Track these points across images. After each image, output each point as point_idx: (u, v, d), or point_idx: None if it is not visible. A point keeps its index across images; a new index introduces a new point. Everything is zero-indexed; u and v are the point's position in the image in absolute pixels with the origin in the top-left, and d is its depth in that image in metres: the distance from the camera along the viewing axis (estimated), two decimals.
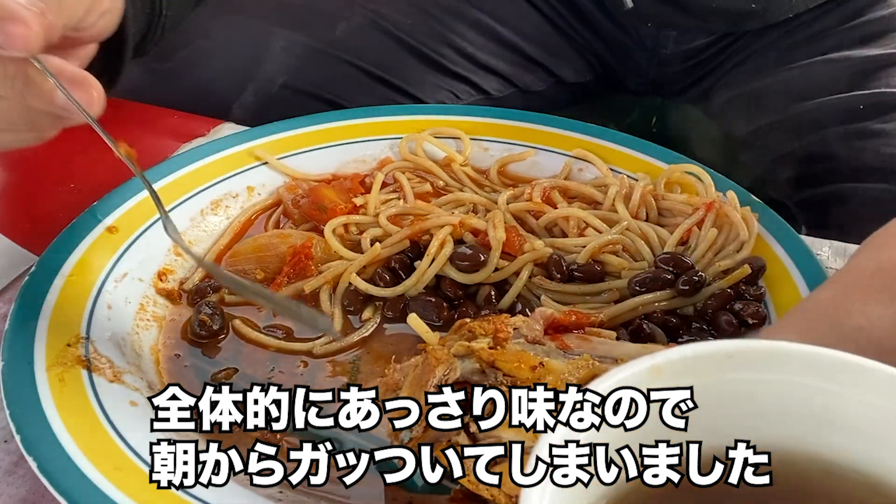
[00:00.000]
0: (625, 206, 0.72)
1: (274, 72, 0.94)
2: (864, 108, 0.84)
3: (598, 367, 0.50)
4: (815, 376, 0.37)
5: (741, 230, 0.67)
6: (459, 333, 0.53)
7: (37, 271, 0.63)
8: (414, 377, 0.50)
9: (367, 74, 0.98)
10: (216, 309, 0.64)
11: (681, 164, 0.76)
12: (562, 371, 0.49)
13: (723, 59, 1.02)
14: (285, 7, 0.98)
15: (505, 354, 0.50)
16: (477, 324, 0.53)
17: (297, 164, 0.79)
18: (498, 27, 1.03)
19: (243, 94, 0.91)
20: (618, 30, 1.03)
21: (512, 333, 0.52)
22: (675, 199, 0.73)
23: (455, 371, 0.50)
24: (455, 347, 0.50)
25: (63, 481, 0.48)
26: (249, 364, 0.62)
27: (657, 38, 1.02)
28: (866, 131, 0.84)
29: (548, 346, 0.52)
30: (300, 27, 0.96)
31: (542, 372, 0.49)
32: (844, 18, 0.95)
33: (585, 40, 1.05)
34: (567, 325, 0.56)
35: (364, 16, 0.99)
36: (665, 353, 0.36)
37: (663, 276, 0.64)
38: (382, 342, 0.64)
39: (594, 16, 1.03)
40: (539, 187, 0.75)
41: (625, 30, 1.03)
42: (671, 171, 0.75)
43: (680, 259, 0.65)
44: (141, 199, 0.71)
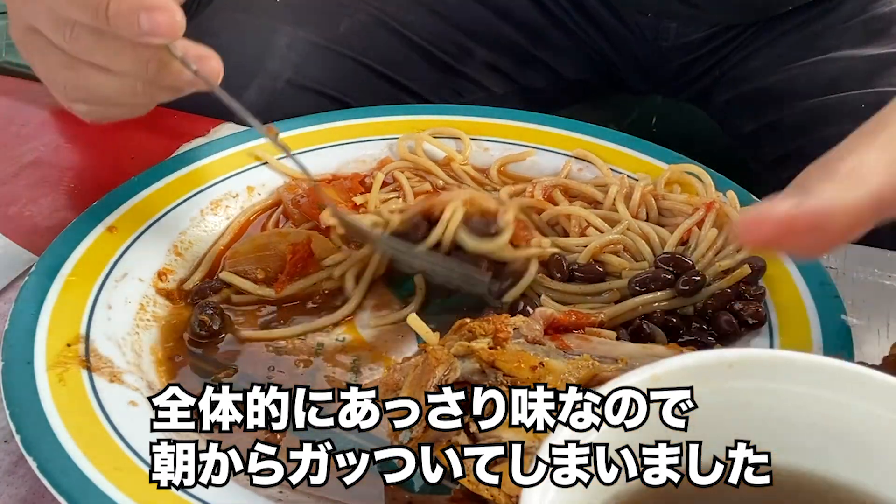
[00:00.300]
0: (625, 206, 0.72)
1: (278, 69, 0.93)
2: (865, 106, 0.84)
3: (599, 366, 0.50)
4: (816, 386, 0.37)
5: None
6: (459, 333, 0.53)
7: (37, 271, 0.63)
8: (414, 377, 0.50)
9: (371, 71, 0.98)
10: (216, 309, 0.64)
11: (681, 164, 0.76)
12: (562, 371, 0.49)
13: (724, 54, 1.02)
14: (290, 4, 0.98)
15: (505, 354, 0.50)
16: (477, 324, 0.52)
17: None
18: (500, 24, 1.03)
19: (247, 91, 0.91)
20: (618, 23, 1.03)
21: (512, 333, 0.52)
22: (676, 198, 0.73)
23: (455, 371, 0.49)
24: (455, 347, 0.50)
25: (63, 481, 0.48)
26: (249, 364, 0.62)
27: (657, 29, 1.02)
28: None
29: (548, 346, 0.52)
30: (305, 24, 0.96)
31: (542, 372, 0.48)
32: (846, 16, 0.94)
33: (586, 34, 1.05)
34: (567, 325, 0.56)
35: (368, 13, 0.99)
36: (665, 362, 0.36)
37: (663, 276, 0.64)
38: (382, 341, 0.64)
39: (595, 9, 1.03)
40: (540, 185, 0.75)
41: (625, 22, 1.03)
42: (671, 171, 0.75)
43: (680, 259, 0.65)
44: (141, 199, 0.71)
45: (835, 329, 0.59)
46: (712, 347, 0.60)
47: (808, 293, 0.63)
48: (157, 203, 0.72)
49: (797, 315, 0.61)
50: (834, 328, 0.59)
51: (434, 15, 1.01)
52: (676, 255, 0.65)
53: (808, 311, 0.61)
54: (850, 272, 0.70)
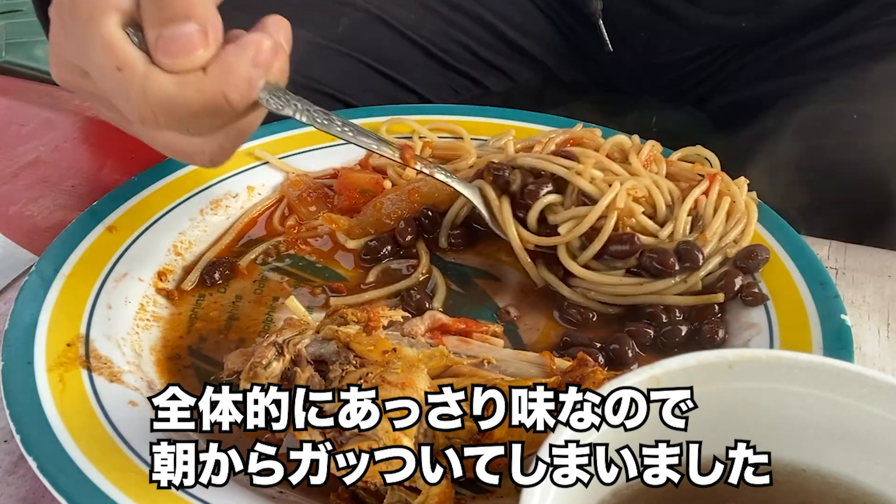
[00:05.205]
0: (638, 159, 0.71)
1: None
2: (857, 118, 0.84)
3: (452, 359, 0.53)
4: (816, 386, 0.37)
5: (739, 203, 0.68)
6: (332, 318, 0.56)
7: (37, 271, 0.63)
8: (266, 337, 0.53)
9: (370, 69, 0.98)
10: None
11: (692, 147, 0.76)
12: (414, 358, 0.51)
13: (717, 67, 1.02)
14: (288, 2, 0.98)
15: (361, 338, 0.52)
16: (350, 311, 0.56)
17: (297, 163, 0.79)
18: (498, 23, 1.03)
19: None
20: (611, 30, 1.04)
21: (384, 324, 0.55)
22: (683, 166, 0.73)
23: (304, 336, 0.53)
24: (324, 331, 0.53)
25: (63, 481, 0.48)
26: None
27: (649, 46, 1.03)
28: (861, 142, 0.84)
29: (417, 341, 0.55)
30: (303, 23, 0.96)
31: (392, 356, 0.51)
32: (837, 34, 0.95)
33: (582, 41, 1.05)
34: (454, 330, 0.58)
35: (367, 11, 0.99)
36: (665, 362, 0.36)
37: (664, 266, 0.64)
38: None
39: (593, 16, 1.03)
40: (552, 141, 0.75)
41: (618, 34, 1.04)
42: (683, 151, 0.76)
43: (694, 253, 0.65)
44: (141, 199, 0.71)
45: (835, 329, 0.59)
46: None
47: (808, 293, 0.63)
48: (157, 203, 0.72)
49: (797, 315, 0.61)
50: (834, 328, 0.59)
51: (433, 13, 1.01)
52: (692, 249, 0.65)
53: (808, 311, 0.61)
54: (850, 272, 0.70)
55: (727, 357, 0.37)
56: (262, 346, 0.52)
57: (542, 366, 0.54)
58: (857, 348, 0.59)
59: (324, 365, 0.52)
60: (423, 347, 0.54)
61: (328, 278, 0.70)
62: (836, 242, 0.73)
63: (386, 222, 0.72)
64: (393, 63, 0.99)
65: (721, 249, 0.66)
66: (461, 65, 1.03)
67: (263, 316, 0.66)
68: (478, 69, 1.04)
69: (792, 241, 0.68)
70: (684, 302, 0.64)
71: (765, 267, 0.66)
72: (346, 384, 0.49)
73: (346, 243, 0.72)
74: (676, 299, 0.64)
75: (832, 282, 0.63)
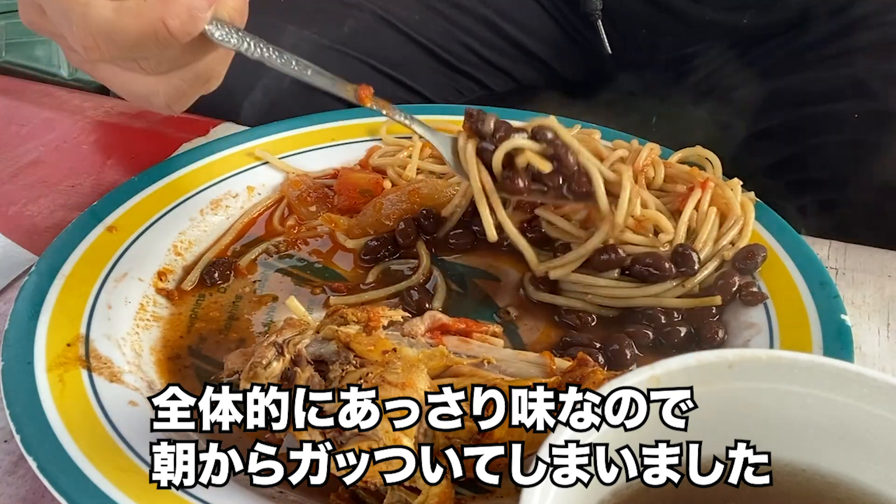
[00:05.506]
0: (629, 166, 0.70)
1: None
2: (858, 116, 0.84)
3: (452, 359, 0.53)
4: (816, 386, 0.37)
5: (734, 206, 0.68)
6: (332, 318, 0.56)
7: (37, 271, 0.63)
8: (266, 337, 0.54)
9: (375, 71, 0.98)
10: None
11: (692, 148, 0.76)
12: (414, 358, 0.51)
13: (718, 65, 1.03)
14: (294, 4, 0.98)
15: (361, 338, 0.52)
16: (350, 311, 0.56)
17: (297, 163, 0.79)
18: (502, 23, 1.04)
19: (253, 91, 0.91)
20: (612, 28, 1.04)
21: (384, 324, 0.55)
22: (681, 168, 0.73)
23: (305, 336, 0.53)
24: (324, 331, 0.53)
25: (63, 481, 0.48)
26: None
27: (651, 44, 1.03)
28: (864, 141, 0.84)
29: (417, 341, 0.55)
30: (309, 24, 0.96)
31: (392, 356, 0.51)
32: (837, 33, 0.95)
33: (585, 39, 1.06)
34: (454, 330, 0.58)
35: (372, 12, 0.99)
36: (665, 362, 0.36)
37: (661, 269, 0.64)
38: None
39: (592, 16, 1.04)
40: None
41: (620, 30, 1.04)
42: (682, 152, 0.76)
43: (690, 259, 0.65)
44: (141, 199, 0.71)
45: (835, 329, 0.59)
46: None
47: (808, 293, 0.63)
48: (157, 203, 0.72)
49: (797, 315, 0.61)
50: (834, 328, 0.59)
51: (438, 14, 1.01)
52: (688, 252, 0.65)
53: (808, 311, 0.61)
54: (850, 272, 0.70)
55: (727, 357, 0.37)
56: (262, 346, 0.52)
57: (542, 366, 0.54)
58: (857, 348, 0.59)
59: (324, 365, 0.52)
60: (423, 347, 0.54)
61: (328, 278, 0.70)
62: (836, 242, 0.73)
63: (386, 223, 0.72)
64: (397, 65, 1.00)
65: (718, 253, 0.66)
66: (465, 66, 1.03)
67: (263, 316, 0.66)
68: (482, 70, 1.04)
69: (792, 241, 0.68)
70: (682, 305, 0.64)
71: (764, 267, 0.66)
72: (346, 384, 0.49)
73: (346, 243, 0.72)
74: (674, 302, 0.64)
75: (832, 282, 0.63)
